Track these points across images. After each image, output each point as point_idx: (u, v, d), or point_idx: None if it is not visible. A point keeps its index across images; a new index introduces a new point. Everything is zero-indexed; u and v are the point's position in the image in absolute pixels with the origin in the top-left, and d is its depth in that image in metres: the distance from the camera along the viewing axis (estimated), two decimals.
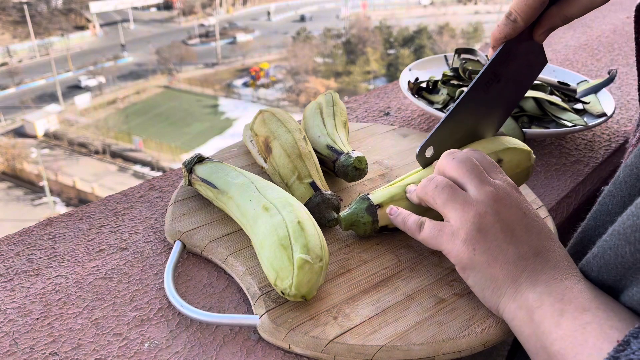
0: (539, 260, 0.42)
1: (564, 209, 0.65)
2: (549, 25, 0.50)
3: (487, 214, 0.43)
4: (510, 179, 0.47)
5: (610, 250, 0.38)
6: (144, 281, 0.49)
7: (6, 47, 25.54)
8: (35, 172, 18.28)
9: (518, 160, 0.54)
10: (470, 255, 0.42)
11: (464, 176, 0.46)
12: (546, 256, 0.42)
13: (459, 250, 0.43)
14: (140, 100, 23.47)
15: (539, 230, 0.44)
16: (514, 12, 0.49)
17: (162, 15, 32.45)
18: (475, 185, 0.45)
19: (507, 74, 0.53)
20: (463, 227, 0.43)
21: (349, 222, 0.51)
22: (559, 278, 0.41)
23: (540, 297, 0.40)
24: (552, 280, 0.40)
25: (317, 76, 26.04)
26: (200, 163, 0.56)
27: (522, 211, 0.44)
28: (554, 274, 0.41)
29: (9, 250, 0.52)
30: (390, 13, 32.99)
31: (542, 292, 0.40)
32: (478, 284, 0.43)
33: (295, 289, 0.42)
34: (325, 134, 0.61)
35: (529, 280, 0.41)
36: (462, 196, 0.44)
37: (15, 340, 0.43)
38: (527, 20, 0.49)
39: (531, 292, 0.40)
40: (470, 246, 0.42)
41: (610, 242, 0.38)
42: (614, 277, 0.38)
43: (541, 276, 0.41)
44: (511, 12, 0.49)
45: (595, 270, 0.40)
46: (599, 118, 0.75)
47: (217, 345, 0.43)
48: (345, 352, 0.41)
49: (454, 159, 0.47)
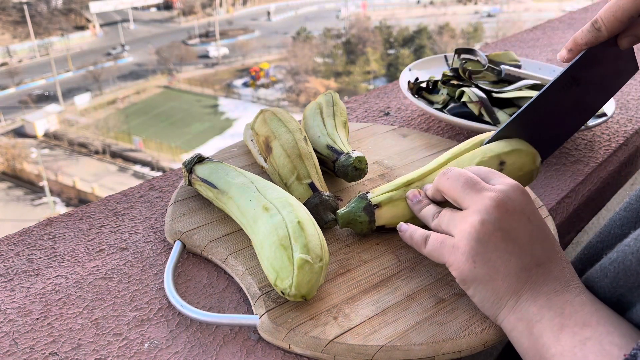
0: (542, 271, 0.41)
1: (564, 209, 0.65)
2: (633, 33, 0.50)
3: (486, 222, 0.41)
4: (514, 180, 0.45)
5: (632, 256, 0.37)
6: (144, 281, 0.49)
7: (6, 47, 25.55)
8: (35, 172, 18.30)
9: (522, 163, 0.53)
10: (470, 268, 0.42)
11: (460, 193, 0.45)
12: (549, 267, 0.41)
13: (459, 263, 0.42)
14: (140, 100, 23.48)
15: (543, 238, 0.43)
16: (600, 21, 0.48)
17: (162, 15, 32.46)
18: (472, 198, 0.43)
19: (589, 78, 0.53)
20: (462, 239, 0.42)
21: (346, 220, 0.51)
22: (560, 290, 0.40)
23: (541, 310, 0.39)
24: (553, 293, 0.40)
25: (317, 76, 26.05)
26: (200, 163, 0.56)
27: (526, 216, 0.43)
28: (555, 286, 0.40)
29: (9, 250, 0.52)
30: (390, 13, 32.99)
31: (543, 305, 0.39)
32: (478, 296, 0.42)
33: (295, 289, 0.42)
34: (325, 134, 0.61)
35: (530, 292, 0.40)
36: (460, 213, 0.44)
37: (15, 340, 0.43)
38: (612, 31, 0.49)
39: (532, 305, 0.40)
40: (470, 258, 0.42)
41: (633, 247, 0.37)
42: (631, 284, 0.38)
43: (543, 288, 0.40)
44: (597, 20, 0.49)
45: (611, 277, 0.39)
46: (599, 118, 0.75)
47: (217, 345, 0.43)
48: (345, 352, 0.41)
49: (447, 178, 0.46)
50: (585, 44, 0.50)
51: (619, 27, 0.48)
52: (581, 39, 0.50)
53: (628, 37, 0.50)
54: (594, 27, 0.49)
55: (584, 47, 0.51)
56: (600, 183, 0.72)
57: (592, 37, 0.50)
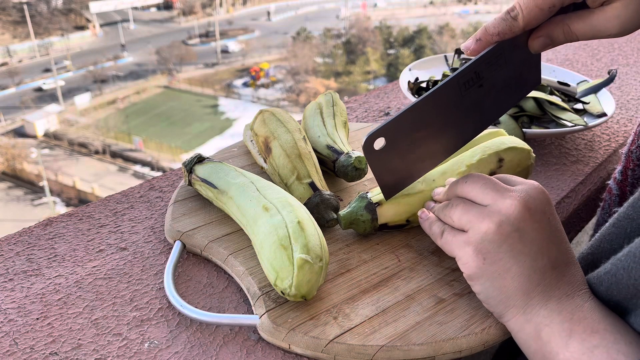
0: (555, 274, 0.41)
1: (564, 209, 0.65)
2: (547, 33, 0.43)
3: (504, 224, 0.41)
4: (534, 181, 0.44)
5: (624, 271, 0.37)
6: (144, 281, 0.49)
7: (6, 47, 25.55)
8: (35, 172, 18.29)
9: (519, 159, 0.55)
10: (479, 264, 0.41)
11: (479, 192, 0.43)
12: (563, 270, 0.41)
13: (468, 258, 0.42)
14: (140, 100, 23.48)
15: (560, 240, 0.42)
16: (518, 7, 0.41)
17: (162, 15, 32.46)
18: (492, 197, 0.42)
19: (492, 81, 0.45)
20: (475, 236, 0.42)
21: (349, 220, 0.51)
22: (571, 294, 0.40)
23: (551, 314, 0.39)
24: (564, 297, 0.40)
25: (317, 76, 26.05)
26: (200, 163, 0.56)
27: (547, 217, 0.42)
28: (566, 290, 0.40)
29: (9, 250, 0.52)
30: (390, 13, 32.99)
31: (553, 309, 0.39)
32: (484, 293, 0.42)
33: (295, 289, 0.42)
34: (325, 134, 0.61)
35: (542, 295, 0.40)
36: (476, 208, 0.43)
37: (15, 340, 0.43)
38: (529, 21, 0.42)
39: (542, 308, 0.40)
40: (480, 255, 0.41)
41: (624, 262, 0.37)
42: (624, 296, 0.38)
43: (555, 292, 0.40)
44: (514, 8, 0.42)
45: (605, 286, 0.40)
46: (599, 118, 0.75)
47: (217, 345, 0.43)
48: (345, 352, 0.41)
49: (466, 182, 0.45)
50: (497, 34, 0.42)
51: (538, 16, 0.41)
52: (493, 28, 0.42)
53: (541, 38, 0.43)
54: (510, 16, 0.42)
55: (495, 38, 0.43)
56: (600, 183, 0.72)
57: (505, 27, 0.42)
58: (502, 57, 0.45)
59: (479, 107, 0.47)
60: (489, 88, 0.46)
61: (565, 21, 0.42)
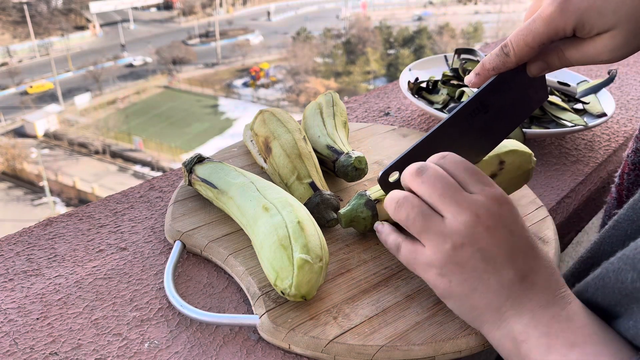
0: (525, 285, 0.39)
1: (564, 209, 0.65)
2: (543, 59, 0.46)
3: (465, 245, 0.39)
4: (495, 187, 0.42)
5: (613, 274, 0.36)
6: (144, 281, 0.49)
7: (6, 47, 25.55)
8: (35, 172, 18.30)
9: (520, 163, 0.54)
10: (446, 286, 0.41)
11: (437, 201, 0.41)
12: (533, 279, 0.40)
13: (434, 281, 0.41)
14: (140, 100, 23.48)
15: (526, 249, 0.41)
16: (510, 45, 0.44)
17: (162, 15, 32.47)
18: (452, 212, 0.40)
19: (498, 105, 0.48)
20: (438, 259, 0.40)
21: (349, 218, 0.51)
22: (545, 304, 0.39)
23: (526, 329, 0.38)
24: (538, 308, 0.39)
25: (317, 76, 26.06)
26: (200, 163, 0.56)
27: (508, 230, 0.40)
28: (540, 300, 0.39)
29: (9, 250, 0.52)
30: (390, 13, 33.00)
31: (528, 324, 0.38)
32: (457, 310, 0.42)
33: (295, 289, 0.42)
34: (325, 134, 0.61)
35: (513, 308, 0.39)
36: (436, 226, 0.41)
37: (15, 340, 0.43)
38: (521, 58, 0.44)
39: (517, 323, 0.39)
40: (445, 278, 0.40)
41: (615, 265, 0.37)
42: (609, 302, 0.37)
43: (527, 304, 0.39)
44: (507, 45, 0.44)
45: (591, 292, 0.39)
46: (599, 118, 0.75)
47: (217, 345, 0.43)
48: (345, 352, 0.41)
49: (422, 182, 0.42)
50: (492, 69, 0.46)
51: (529, 53, 0.44)
52: (489, 64, 0.46)
53: (538, 64, 0.46)
54: (503, 52, 0.45)
55: (492, 72, 0.46)
56: (600, 183, 0.72)
57: (499, 63, 0.45)
58: (504, 84, 0.47)
59: (488, 130, 0.49)
60: (496, 111, 0.48)
61: (560, 47, 0.45)
